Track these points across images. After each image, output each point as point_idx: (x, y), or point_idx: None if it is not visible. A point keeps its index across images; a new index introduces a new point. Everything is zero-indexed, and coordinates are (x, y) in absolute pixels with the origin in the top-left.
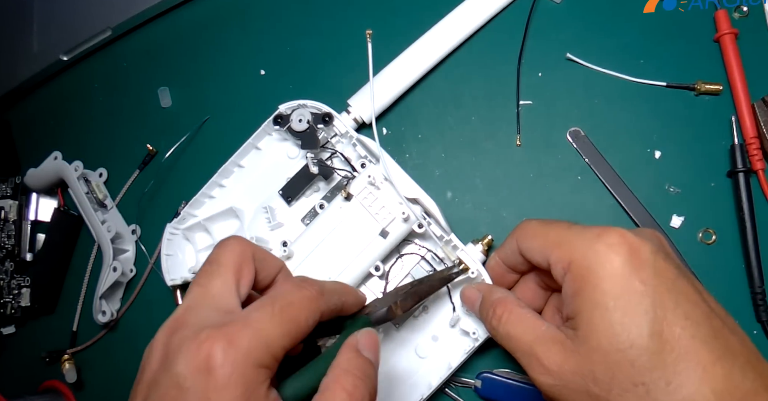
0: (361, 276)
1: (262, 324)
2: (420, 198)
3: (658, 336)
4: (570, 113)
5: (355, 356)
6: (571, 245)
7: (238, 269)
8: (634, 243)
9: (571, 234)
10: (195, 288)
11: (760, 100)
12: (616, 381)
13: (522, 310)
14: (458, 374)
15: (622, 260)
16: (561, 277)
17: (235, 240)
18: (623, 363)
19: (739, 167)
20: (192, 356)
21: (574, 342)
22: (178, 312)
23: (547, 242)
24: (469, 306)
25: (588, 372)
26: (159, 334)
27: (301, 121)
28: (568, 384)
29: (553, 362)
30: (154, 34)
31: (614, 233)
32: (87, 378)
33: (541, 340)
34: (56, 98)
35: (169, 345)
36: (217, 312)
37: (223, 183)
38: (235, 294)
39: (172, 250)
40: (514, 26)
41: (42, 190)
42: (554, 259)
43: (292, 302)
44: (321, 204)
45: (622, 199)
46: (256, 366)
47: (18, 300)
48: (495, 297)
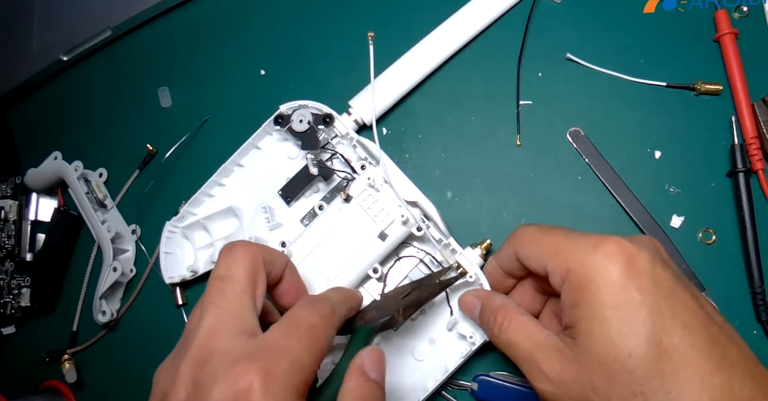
0: (359, 278)
1: (295, 352)
2: (419, 201)
3: (657, 345)
4: (570, 113)
5: (364, 381)
6: (569, 254)
7: (252, 282)
8: (631, 252)
9: (568, 243)
10: (211, 309)
11: (760, 100)
12: (615, 390)
13: (522, 317)
14: (455, 377)
15: (619, 269)
16: (559, 286)
17: (244, 248)
18: (622, 372)
19: (739, 167)
20: (230, 389)
21: (573, 351)
22: (201, 340)
23: (544, 250)
24: (468, 313)
25: (587, 380)
26: (184, 366)
27: (301, 122)
28: (568, 392)
29: (552, 370)
30: (154, 34)
31: (611, 242)
32: (87, 378)
33: (541, 348)
34: (56, 98)
35: (198, 379)
36: (241, 337)
37: (223, 182)
38: (254, 312)
39: (170, 248)
40: (514, 26)
41: (42, 190)
42: (552, 268)
43: (313, 324)
44: (320, 205)
45: (622, 199)
46: (295, 396)
47: (18, 300)
48: (495, 305)
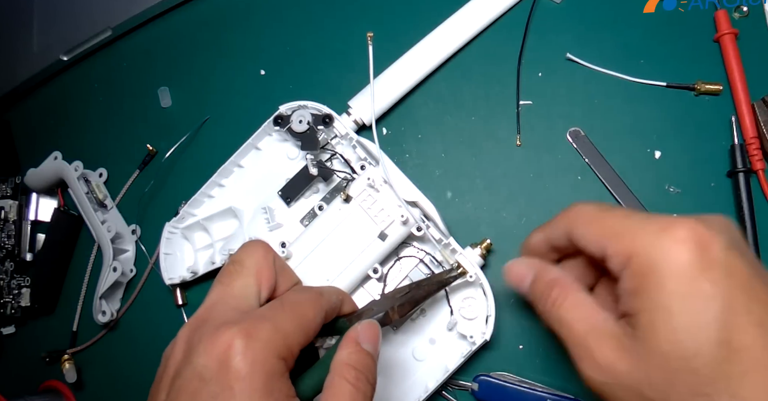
0: (359, 279)
1: (277, 320)
2: (419, 201)
3: (727, 344)
4: (570, 113)
5: (356, 350)
6: (633, 237)
7: (260, 272)
8: (704, 238)
9: (632, 225)
10: (217, 286)
11: (760, 100)
12: (675, 388)
13: (580, 295)
14: (455, 377)
15: (690, 257)
16: (618, 271)
17: (260, 244)
18: (685, 371)
19: (740, 167)
20: (212, 348)
21: (632, 342)
22: (201, 311)
23: (604, 231)
24: (516, 283)
25: (644, 375)
26: (182, 331)
27: (301, 122)
28: (619, 384)
29: (605, 358)
30: (154, 34)
31: (682, 226)
32: (87, 378)
33: (597, 332)
34: (56, 98)
35: (191, 341)
36: (236, 311)
37: (223, 182)
38: (255, 296)
39: (170, 249)
40: (514, 26)
41: (42, 190)
42: (612, 251)
43: (299, 301)
44: (320, 205)
45: (622, 199)
46: (276, 356)
47: (18, 300)
48: (551, 277)
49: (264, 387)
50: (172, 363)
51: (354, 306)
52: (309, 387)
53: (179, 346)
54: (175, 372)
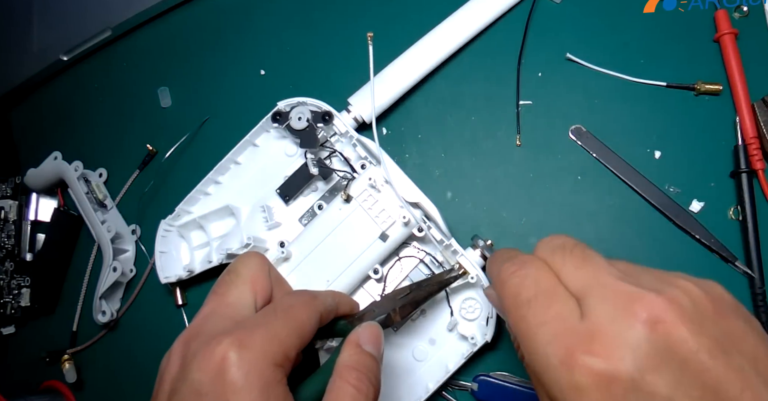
0: (359, 279)
1: (270, 325)
2: (421, 202)
3: None
4: (570, 113)
5: (357, 351)
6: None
7: (255, 281)
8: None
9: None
10: (212, 296)
11: (760, 100)
12: None
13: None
14: (455, 377)
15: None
16: None
17: (256, 255)
18: None
19: (743, 168)
20: (206, 361)
21: None
22: (196, 321)
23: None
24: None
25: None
26: (176, 344)
27: (300, 119)
28: None
29: None
30: (154, 34)
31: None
32: (87, 378)
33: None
34: (56, 98)
35: (185, 354)
36: (231, 320)
37: (220, 180)
38: (251, 306)
39: (166, 247)
40: (514, 26)
41: (42, 190)
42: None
43: (292, 304)
44: (320, 204)
45: (641, 189)
46: (271, 364)
47: (18, 300)
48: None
49: (260, 397)
50: (168, 378)
51: (353, 306)
52: (311, 392)
53: (174, 359)
54: (172, 388)
